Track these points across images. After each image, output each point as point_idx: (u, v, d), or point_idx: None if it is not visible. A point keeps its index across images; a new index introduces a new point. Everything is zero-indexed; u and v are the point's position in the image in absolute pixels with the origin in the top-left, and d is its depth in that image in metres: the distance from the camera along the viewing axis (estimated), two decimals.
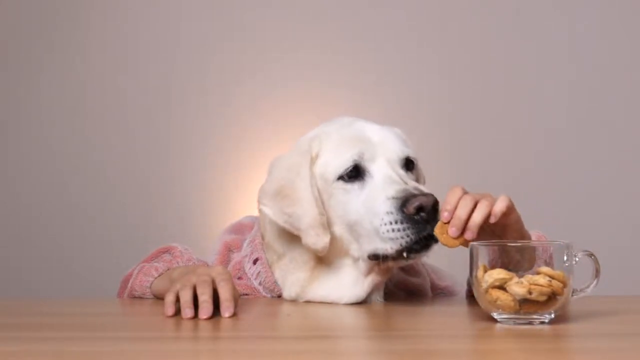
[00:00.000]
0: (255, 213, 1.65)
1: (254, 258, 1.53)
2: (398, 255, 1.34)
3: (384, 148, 1.43)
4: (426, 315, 1.35)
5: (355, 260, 1.41)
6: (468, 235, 1.27)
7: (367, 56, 3.07)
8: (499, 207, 1.29)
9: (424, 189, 1.37)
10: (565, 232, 1.30)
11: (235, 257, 1.57)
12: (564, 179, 2.97)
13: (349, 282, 1.42)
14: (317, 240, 1.38)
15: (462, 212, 1.27)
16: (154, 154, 3.07)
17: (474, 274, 1.19)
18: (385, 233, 1.33)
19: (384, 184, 1.38)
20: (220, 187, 3.04)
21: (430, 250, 1.35)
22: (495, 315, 1.18)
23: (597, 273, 1.23)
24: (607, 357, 0.98)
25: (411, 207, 1.31)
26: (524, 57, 3.04)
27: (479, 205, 1.28)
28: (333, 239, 1.41)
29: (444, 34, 3.07)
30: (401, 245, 1.32)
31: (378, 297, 1.45)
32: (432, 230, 1.31)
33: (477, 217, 1.27)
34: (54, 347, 1.05)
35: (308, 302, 1.45)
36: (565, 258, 1.18)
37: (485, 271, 1.17)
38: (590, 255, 1.23)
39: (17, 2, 3.12)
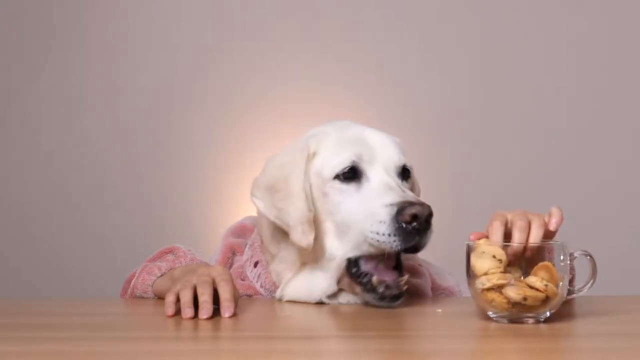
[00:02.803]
0: (254, 213, 1.65)
1: (255, 261, 1.54)
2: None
3: (382, 153, 1.43)
4: (425, 315, 1.35)
5: (332, 259, 1.41)
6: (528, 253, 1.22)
7: (367, 56, 3.07)
8: (557, 217, 1.25)
9: (420, 199, 1.37)
10: (565, 232, 1.29)
11: (238, 260, 1.58)
12: (564, 179, 2.97)
13: (322, 278, 1.43)
14: (303, 237, 1.38)
15: (520, 247, 1.20)
16: (154, 153, 3.07)
17: (470, 272, 1.20)
18: (370, 240, 1.34)
19: (381, 190, 1.38)
20: (220, 187, 3.04)
21: (400, 302, 1.36)
22: (490, 313, 1.18)
23: (593, 273, 1.23)
24: (607, 357, 0.98)
25: (407, 215, 1.31)
26: (524, 57, 3.05)
27: (534, 229, 1.22)
28: (318, 236, 1.41)
29: (444, 34, 3.07)
30: (385, 250, 1.33)
31: (350, 300, 1.44)
32: (420, 241, 1.32)
33: (535, 240, 1.21)
34: (54, 347, 1.06)
35: (289, 301, 1.46)
36: (561, 257, 1.18)
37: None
38: (587, 255, 1.23)
39: (17, 2, 3.13)
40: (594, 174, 2.98)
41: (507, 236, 1.22)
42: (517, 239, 1.20)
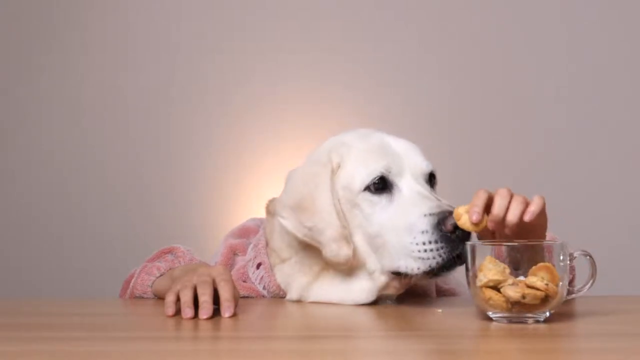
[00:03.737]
0: (258, 215, 1.65)
1: (257, 262, 1.52)
2: (424, 275, 1.33)
3: (410, 162, 1.42)
4: (425, 315, 1.34)
5: (371, 273, 1.39)
6: (507, 231, 1.26)
7: (367, 56, 3.07)
8: (536, 207, 1.26)
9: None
10: (565, 232, 1.30)
11: (240, 261, 1.56)
12: (564, 179, 2.97)
13: (359, 289, 1.40)
14: (339, 252, 1.36)
15: (499, 211, 1.25)
16: (153, 153, 3.08)
17: (469, 272, 1.20)
18: (415, 252, 1.31)
19: (416, 200, 1.36)
20: (220, 187, 3.04)
21: (454, 270, 1.34)
22: (490, 313, 1.18)
23: (593, 273, 1.23)
24: (607, 357, 0.98)
25: (449, 225, 1.29)
26: (524, 57, 3.05)
27: (513, 204, 1.26)
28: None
29: (444, 34, 3.07)
30: (430, 266, 1.31)
31: (389, 301, 1.44)
32: (462, 250, 1.30)
33: (514, 217, 1.25)
34: (54, 347, 1.06)
35: (311, 302, 1.45)
36: (561, 257, 1.18)
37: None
38: (587, 255, 1.23)
39: (17, 2, 3.13)
40: (594, 174, 2.98)
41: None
42: (497, 204, 1.25)
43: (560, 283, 1.16)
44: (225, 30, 3.10)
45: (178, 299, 1.28)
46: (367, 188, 1.38)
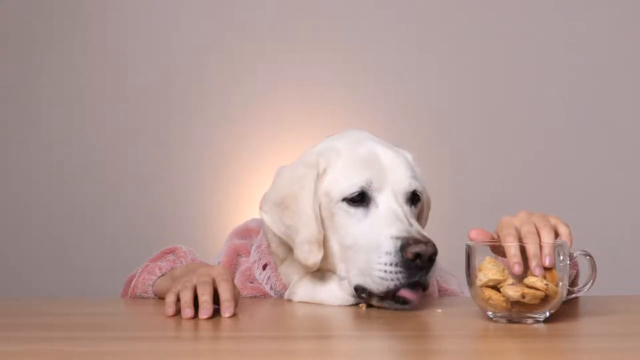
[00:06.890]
0: (258, 216, 1.65)
1: (263, 264, 1.55)
2: (383, 295, 1.34)
3: (394, 178, 1.42)
4: (425, 315, 1.35)
5: (341, 279, 1.42)
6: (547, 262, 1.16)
7: (367, 56, 3.07)
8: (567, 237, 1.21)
9: (426, 233, 1.36)
10: None
11: (244, 262, 1.59)
12: (564, 179, 2.97)
13: (333, 293, 1.43)
14: (309, 256, 1.40)
15: (536, 252, 1.16)
16: (154, 154, 3.08)
17: (470, 272, 1.20)
18: (376, 272, 1.33)
19: (388, 219, 1.37)
20: (220, 187, 3.04)
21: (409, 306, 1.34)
22: (489, 313, 1.18)
23: (593, 273, 1.23)
24: (607, 357, 0.98)
25: (410, 253, 1.31)
26: (524, 57, 3.05)
27: (544, 241, 1.18)
28: (327, 253, 1.42)
29: (444, 34, 3.07)
30: (388, 287, 1.33)
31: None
32: (422, 278, 1.32)
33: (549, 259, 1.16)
34: (54, 347, 1.06)
35: (302, 302, 1.46)
36: (561, 257, 1.18)
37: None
38: (587, 255, 1.23)
39: (17, 2, 3.13)
40: (594, 174, 2.98)
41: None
42: (531, 253, 1.15)
43: (560, 283, 1.16)
44: (225, 30, 3.10)
45: (178, 299, 1.29)
46: (345, 199, 1.40)
